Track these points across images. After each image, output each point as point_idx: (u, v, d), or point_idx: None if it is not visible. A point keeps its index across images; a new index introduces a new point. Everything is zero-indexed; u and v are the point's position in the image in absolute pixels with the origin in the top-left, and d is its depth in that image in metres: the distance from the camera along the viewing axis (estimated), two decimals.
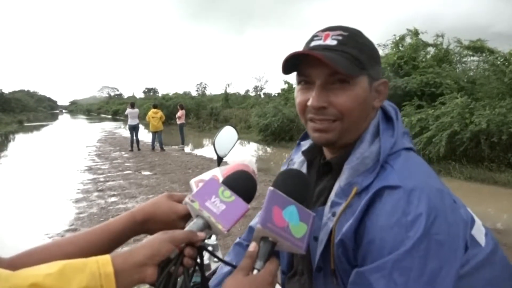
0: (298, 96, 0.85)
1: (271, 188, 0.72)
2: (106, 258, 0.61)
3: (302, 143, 1.04)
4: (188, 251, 0.69)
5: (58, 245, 0.71)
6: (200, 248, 0.72)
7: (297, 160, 1.01)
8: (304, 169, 0.97)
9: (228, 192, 0.74)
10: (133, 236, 0.80)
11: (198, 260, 0.72)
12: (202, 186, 0.75)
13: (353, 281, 0.72)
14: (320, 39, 0.80)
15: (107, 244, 0.76)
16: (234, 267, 0.69)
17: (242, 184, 0.79)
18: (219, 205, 0.72)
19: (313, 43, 0.81)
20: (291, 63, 0.81)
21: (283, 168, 1.09)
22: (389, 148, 0.79)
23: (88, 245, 0.63)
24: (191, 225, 0.72)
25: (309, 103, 0.80)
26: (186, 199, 0.73)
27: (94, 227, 0.78)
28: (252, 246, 0.68)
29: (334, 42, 0.78)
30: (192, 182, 0.93)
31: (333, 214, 0.79)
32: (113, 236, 0.76)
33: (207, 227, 0.72)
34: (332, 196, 0.82)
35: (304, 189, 0.77)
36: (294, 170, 0.83)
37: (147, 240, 0.68)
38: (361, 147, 0.81)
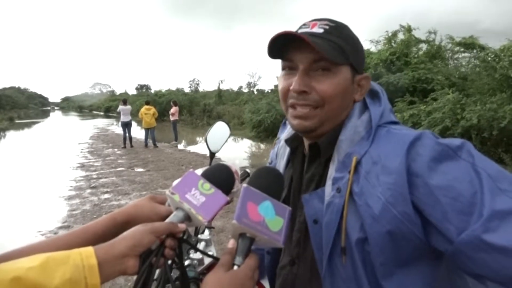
0: (281, 82, 0.85)
1: (244, 185, 0.73)
2: (89, 250, 0.61)
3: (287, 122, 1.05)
4: (169, 242, 0.70)
5: (36, 248, 0.69)
6: (181, 239, 0.73)
7: (283, 138, 1.03)
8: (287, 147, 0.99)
9: (207, 185, 0.76)
10: (114, 238, 0.80)
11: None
12: (182, 179, 0.76)
13: (472, 247, 0.62)
14: (307, 27, 0.82)
15: (87, 246, 0.75)
16: (217, 259, 0.70)
17: (221, 177, 0.80)
18: (199, 197, 0.73)
19: (300, 31, 0.82)
20: (277, 46, 0.81)
21: (273, 151, 1.12)
22: (379, 116, 0.81)
23: (68, 247, 0.62)
24: (171, 217, 0.73)
25: (291, 87, 0.80)
26: (167, 192, 0.74)
27: (74, 230, 0.77)
28: (231, 243, 0.68)
29: (321, 30, 0.80)
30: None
31: (338, 190, 0.77)
32: (93, 238, 0.74)
33: (187, 219, 0.73)
34: (331, 173, 0.81)
35: (279, 185, 0.78)
36: (268, 167, 0.84)
37: (128, 231, 0.68)
38: (351, 121, 0.83)
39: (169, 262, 0.74)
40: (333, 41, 0.78)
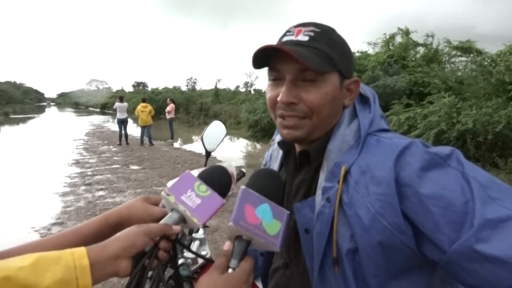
0: (268, 92, 0.84)
1: (243, 187, 0.72)
2: (81, 251, 0.61)
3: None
4: (163, 244, 0.69)
5: (28, 248, 0.68)
6: (175, 241, 0.72)
7: (277, 140, 1.02)
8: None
9: (204, 187, 0.75)
10: (106, 239, 0.78)
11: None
12: (178, 180, 0.75)
13: (466, 258, 0.61)
14: (292, 35, 0.80)
15: (80, 247, 0.74)
16: (210, 261, 0.69)
17: (218, 179, 0.79)
18: (195, 199, 0.72)
19: (285, 38, 0.81)
20: (262, 58, 0.79)
21: (267, 153, 1.11)
22: (368, 124, 0.80)
23: (60, 248, 0.61)
24: (166, 219, 0.72)
25: (279, 98, 0.79)
26: (162, 193, 0.73)
27: (65, 230, 0.76)
28: (227, 245, 0.68)
29: (306, 38, 0.78)
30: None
31: (328, 200, 0.76)
32: (85, 240, 0.74)
33: (182, 221, 0.72)
34: (321, 182, 0.80)
35: (278, 187, 0.78)
36: (268, 169, 0.83)
37: (121, 232, 0.67)
38: (340, 129, 0.82)
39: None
40: (319, 49, 0.76)
